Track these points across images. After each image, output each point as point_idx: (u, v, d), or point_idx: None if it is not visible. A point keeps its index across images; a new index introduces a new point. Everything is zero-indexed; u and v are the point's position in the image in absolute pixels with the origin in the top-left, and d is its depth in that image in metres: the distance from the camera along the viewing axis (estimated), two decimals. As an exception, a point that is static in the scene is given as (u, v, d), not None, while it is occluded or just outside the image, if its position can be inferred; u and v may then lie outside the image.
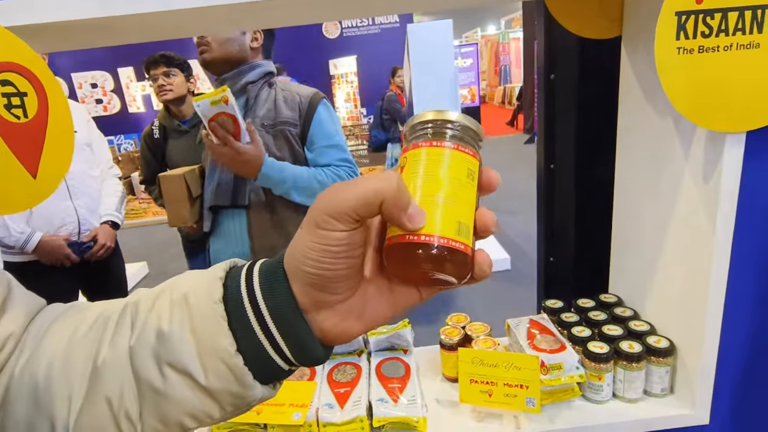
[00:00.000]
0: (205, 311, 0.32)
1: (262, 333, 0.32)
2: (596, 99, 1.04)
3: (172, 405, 0.32)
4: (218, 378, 0.32)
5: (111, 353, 0.32)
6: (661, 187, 0.79)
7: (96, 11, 0.56)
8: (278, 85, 1.39)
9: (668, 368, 0.79)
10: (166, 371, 0.32)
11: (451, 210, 0.30)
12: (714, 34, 0.58)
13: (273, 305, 0.32)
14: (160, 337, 0.32)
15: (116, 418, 0.32)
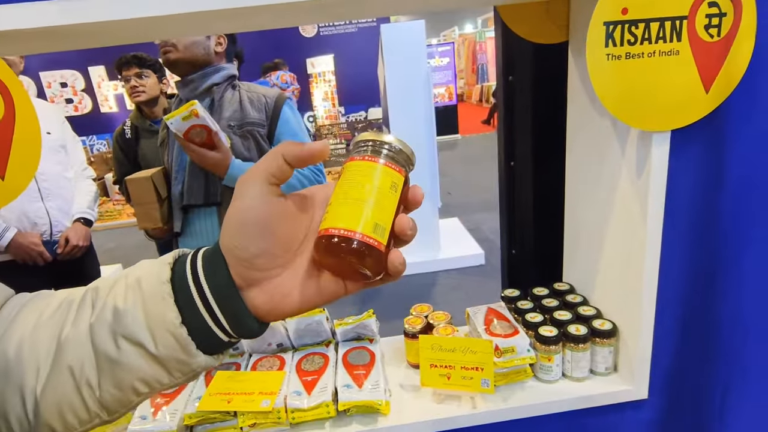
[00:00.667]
0: (154, 290, 0.36)
1: (203, 307, 0.36)
2: (551, 100, 1.10)
3: (126, 372, 0.36)
4: (166, 347, 0.36)
5: (73, 330, 0.37)
6: (602, 183, 0.85)
7: (55, 19, 0.58)
8: (241, 87, 1.44)
9: (611, 349, 0.86)
10: (121, 343, 0.36)
11: (371, 212, 0.35)
12: (639, 42, 0.64)
13: (213, 283, 0.36)
14: (116, 314, 0.36)
15: (78, 385, 0.36)
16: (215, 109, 1.39)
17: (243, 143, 1.37)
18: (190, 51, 1.35)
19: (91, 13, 0.58)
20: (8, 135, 0.64)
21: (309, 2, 0.63)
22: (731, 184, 0.75)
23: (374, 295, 3.19)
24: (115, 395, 0.37)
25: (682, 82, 0.67)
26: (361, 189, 0.36)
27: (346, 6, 0.73)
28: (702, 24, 0.64)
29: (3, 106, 0.63)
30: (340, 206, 0.36)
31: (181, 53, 1.34)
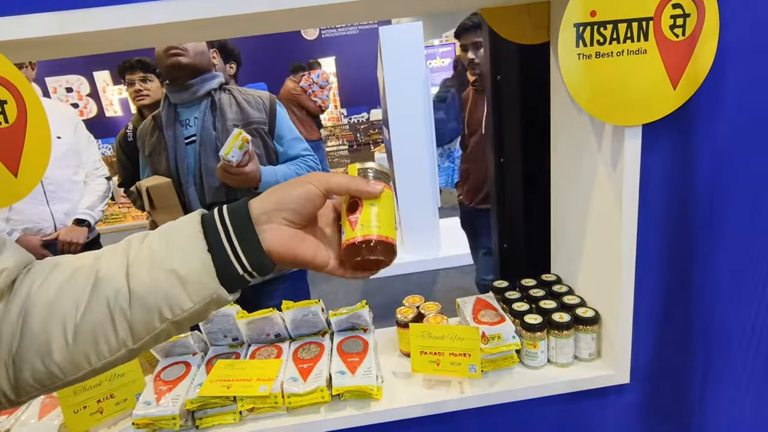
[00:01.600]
0: (187, 229, 0.47)
1: (226, 241, 0.46)
2: (537, 98, 1.14)
3: (155, 295, 0.44)
4: (193, 270, 0.45)
5: (108, 270, 0.45)
6: (583, 177, 0.89)
7: (55, 30, 0.63)
8: (232, 90, 1.52)
9: (594, 335, 0.90)
10: (156, 270, 0.45)
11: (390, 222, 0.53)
12: (608, 42, 0.68)
13: (235, 221, 0.47)
14: (154, 250, 0.46)
15: (112, 312, 0.44)
16: (217, 112, 1.45)
17: (252, 141, 1.43)
18: (198, 58, 1.43)
19: (88, 24, 0.63)
20: (21, 136, 0.69)
21: (304, 8, 0.67)
22: (702, 175, 0.78)
23: (376, 293, 3.24)
24: (143, 317, 0.44)
25: (651, 79, 0.71)
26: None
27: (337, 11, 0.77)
28: (667, 24, 0.68)
29: (16, 109, 0.67)
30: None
31: (191, 59, 1.42)
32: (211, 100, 1.46)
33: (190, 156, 1.46)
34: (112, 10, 0.65)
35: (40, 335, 0.43)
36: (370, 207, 0.51)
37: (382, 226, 0.51)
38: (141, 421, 0.83)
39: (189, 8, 0.65)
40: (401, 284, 3.33)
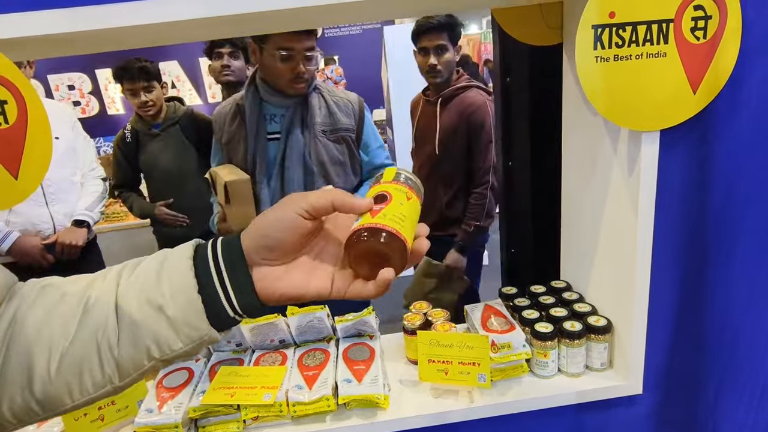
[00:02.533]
0: (179, 264, 0.44)
1: (217, 281, 0.44)
2: (547, 100, 1.12)
3: (143, 331, 0.42)
4: (182, 311, 0.43)
5: (98, 300, 0.43)
6: (596, 181, 0.87)
7: (65, 26, 0.61)
8: (323, 91, 1.43)
9: (606, 345, 0.87)
10: (144, 307, 0.42)
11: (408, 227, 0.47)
12: (626, 44, 0.66)
13: (228, 260, 0.44)
14: (144, 283, 0.44)
15: (99, 344, 0.42)
16: (307, 115, 1.38)
17: (337, 148, 1.40)
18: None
19: (96, 21, 0.61)
20: (21, 136, 0.67)
21: (308, 8, 0.65)
22: (720, 182, 0.76)
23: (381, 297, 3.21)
24: (130, 354, 0.42)
25: (670, 83, 0.69)
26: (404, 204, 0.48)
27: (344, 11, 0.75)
28: (688, 27, 0.66)
29: (16, 109, 0.66)
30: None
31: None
32: (302, 100, 1.37)
33: (271, 154, 1.37)
34: (121, 7, 0.63)
35: (23, 360, 0.41)
36: (399, 205, 0.47)
37: (398, 223, 0.45)
38: (143, 429, 0.81)
39: (201, 6, 0.63)
40: (402, 285, 3.31)
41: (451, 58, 1.80)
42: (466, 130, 1.80)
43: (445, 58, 1.78)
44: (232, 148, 1.42)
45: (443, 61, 1.78)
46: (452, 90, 1.84)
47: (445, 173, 1.88)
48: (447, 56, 1.78)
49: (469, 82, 1.86)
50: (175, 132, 2.12)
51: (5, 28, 0.63)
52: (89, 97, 6.93)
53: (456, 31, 1.79)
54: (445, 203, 1.90)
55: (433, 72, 1.80)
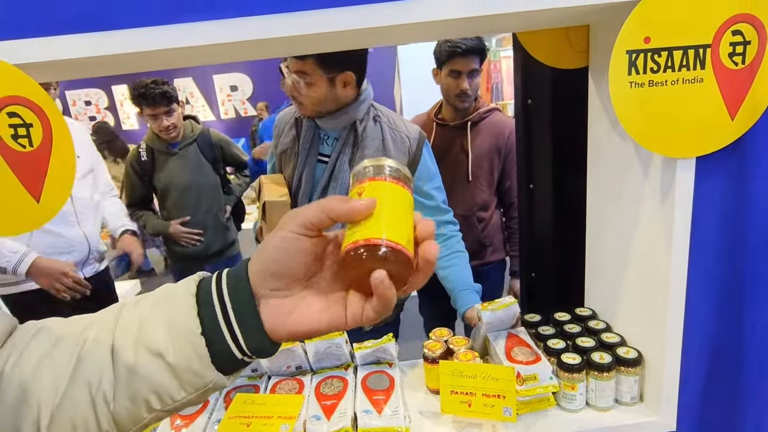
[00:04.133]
0: (180, 302, 0.39)
1: (223, 321, 0.39)
2: (571, 122, 1.10)
3: (141, 382, 0.38)
4: (183, 357, 0.38)
5: (93, 346, 0.39)
6: (625, 207, 0.84)
7: (89, 51, 0.61)
8: (382, 120, 1.33)
9: (637, 378, 0.84)
10: (141, 353, 0.38)
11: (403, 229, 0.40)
12: (662, 70, 0.65)
13: (235, 298, 0.39)
14: (141, 325, 0.39)
15: (94, 399, 0.38)
16: (358, 146, 1.28)
17: None
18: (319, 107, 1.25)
19: (120, 46, 0.61)
20: (45, 159, 0.66)
21: (326, 33, 0.64)
22: (759, 211, 0.73)
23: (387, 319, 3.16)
24: (128, 408, 0.38)
25: (707, 110, 0.66)
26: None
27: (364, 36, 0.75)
28: (726, 52, 0.64)
29: (42, 134, 0.65)
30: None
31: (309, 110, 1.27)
32: (354, 129, 1.28)
33: (317, 176, 1.30)
34: (145, 32, 0.63)
35: (10, 420, 0.37)
36: (391, 207, 0.40)
37: (395, 231, 0.38)
38: (156, 459, 0.78)
39: (221, 31, 0.63)
40: (414, 307, 3.26)
41: (479, 82, 1.77)
42: (500, 154, 1.76)
43: (476, 83, 1.73)
44: (285, 160, 1.36)
45: (474, 85, 1.73)
46: (480, 114, 1.77)
47: (479, 199, 1.80)
48: (477, 80, 1.74)
49: (491, 105, 1.83)
50: (193, 150, 2.12)
51: (34, 52, 0.63)
52: (105, 112, 7.05)
53: (484, 54, 1.75)
54: (481, 230, 1.82)
55: (463, 96, 1.72)
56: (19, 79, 0.63)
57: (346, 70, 1.22)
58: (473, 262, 1.79)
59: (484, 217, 1.82)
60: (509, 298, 0.95)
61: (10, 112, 0.64)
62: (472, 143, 1.77)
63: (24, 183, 0.65)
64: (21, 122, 0.64)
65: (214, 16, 0.63)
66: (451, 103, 1.78)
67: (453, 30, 0.87)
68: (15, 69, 0.62)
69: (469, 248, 1.90)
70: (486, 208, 1.82)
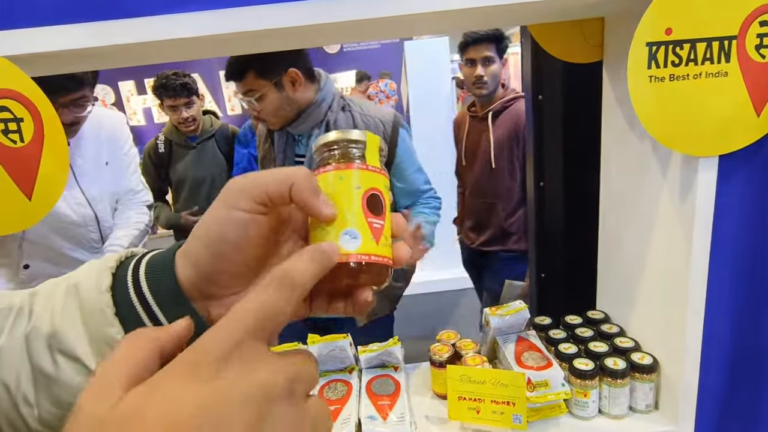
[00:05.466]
0: (92, 301, 0.33)
1: (150, 321, 0.32)
2: (583, 119, 1.07)
3: (64, 389, 0.33)
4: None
5: (8, 341, 0.34)
6: (641, 207, 0.81)
7: (85, 42, 0.59)
8: (353, 108, 1.31)
9: (652, 384, 0.80)
10: (58, 358, 0.33)
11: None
12: (684, 63, 0.61)
13: (158, 294, 0.32)
14: (52, 326, 0.33)
15: (15, 401, 0.33)
16: None
17: None
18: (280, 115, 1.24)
19: (117, 37, 0.58)
20: (37, 155, 0.64)
21: (336, 23, 0.61)
22: (785, 213, 0.70)
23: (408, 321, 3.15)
24: (56, 414, 0.34)
25: (731, 106, 0.63)
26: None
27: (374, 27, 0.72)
28: (753, 44, 0.61)
29: (33, 129, 0.63)
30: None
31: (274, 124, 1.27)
32: (326, 124, 1.27)
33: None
34: (143, 22, 0.60)
35: None
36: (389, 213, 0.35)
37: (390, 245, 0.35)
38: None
39: (227, 21, 0.60)
40: (421, 304, 3.24)
41: (497, 70, 1.80)
42: (519, 143, 1.79)
43: (491, 70, 1.78)
44: (266, 167, 1.38)
45: (489, 72, 1.78)
46: (502, 103, 1.82)
47: (503, 187, 1.86)
48: (493, 68, 1.79)
49: (516, 94, 1.86)
50: (210, 145, 2.13)
51: (24, 43, 0.60)
52: (112, 108, 7.07)
53: (503, 43, 1.80)
54: (505, 217, 1.88)
55: (479, 83, 1.79)
56: (9, 71, 0.60)
57: (287, 69, 1.21)
58: (496, 247, 1.97)
59: (508, 205, 1.87)
60: (519, 303, 0.92)
61: (0, 105, 0.61)
62: (494, 132, 1.83)
63: (15, 180, 0.63)
64: (11, 117, 0.61)
65: (216, 6, 0.60)
66: (471, 92, 1.85)
67: (464, 21, 0.84)
68: (5, 61, 0.60)
69: (492, 234, 1.96)
70: (510, 197, 1.87)
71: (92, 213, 1.40)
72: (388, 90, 5.36)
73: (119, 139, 1.52)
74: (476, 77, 1.77)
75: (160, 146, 2.08)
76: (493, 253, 1.95)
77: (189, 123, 2.03)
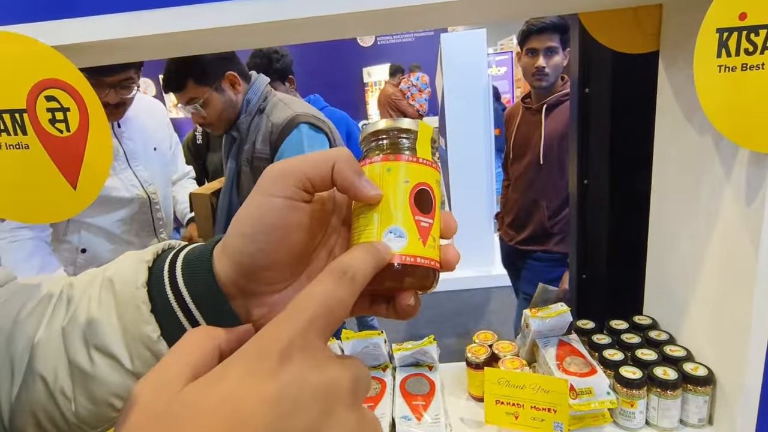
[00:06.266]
0: (128, 296, 0.32)
1: (186, 320, 0.31)
2: (632, 114, 1.01)
3: (99, 386, 0.32)
4: (144, 363, 0.32)
5: (46, 333, 0.33)
6: (699, 208, 0.76)
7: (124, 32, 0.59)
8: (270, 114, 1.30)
9: (706, 398, 0.75)
10: (94, 354, 0.32)
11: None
12: (759, 51, 0.56)
13: (194, 291, 0.31)
14: (89, 320, 0.32)
15: (53, 393, 0.32)
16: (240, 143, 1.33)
17: (252, 177, 1.30)
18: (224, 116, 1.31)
19: (154, 27, 0.57)
20: (81, 146, 0.64)
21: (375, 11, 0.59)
22: None
23: (424, 313, 3.12)
24: (91, 410, 0.33)
25: (812, 98, 0.57)
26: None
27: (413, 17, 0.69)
28: (839, 30, 0.55)
29: (78, 118, 0.63)
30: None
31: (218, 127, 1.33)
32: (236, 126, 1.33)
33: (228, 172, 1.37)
34: (180, 12, 0.59)
35: None
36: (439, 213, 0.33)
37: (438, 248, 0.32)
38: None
39: (262, 10, 0.58)
40: (452, 301, 3.20)
41: (559, 62, 1.70)
42: None
43: (554, 61, 1.69)
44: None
45: (552, 64, 1.68)
46: (558, 97, 1.74)
47: (549, 184, 1.78)
48: (556, 59, 1.69)
49: None
50: None
51: (69, 33, 0.61)
52: (153, 101, 7.31)
53: (567, 33, 1.69)
54: (548, 216, 1.80)
55: (539, 74, 1.70)
56: (57, 61, 0.61)
57: (224, 72, 1.25)
58: (535, 247, 1.85)
59: (553, 203, 1.78)
60: (561, 306, 0.88)
61: (48, 95, 0.62)
62: (546, 127, 1.75)
63: (61, 169, 0.64)
64: (58, 106, 0.62)
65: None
66: (530, 83, 1.76)
67: (515, 9, 0.80)
68: (53, 51, 0.60)
69: (533, 232, 1.84)
70: (557, 195, 1.78)
71: (145, 195, 1.42)
72: (420, 83, 5.31)
73: (165, 126, 1.57)
74: (537, 68, 1.68)
75: (198, 137, 2.12)
76: (531, 253, 1.88)
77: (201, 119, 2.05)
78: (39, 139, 0.63)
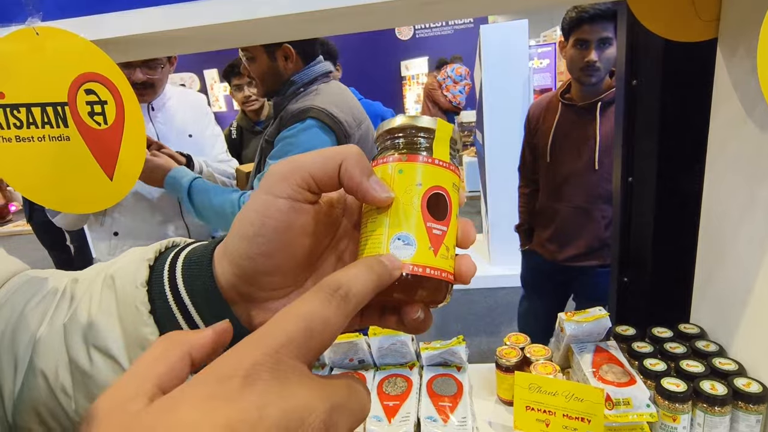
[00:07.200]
0: (128, 296, 0.31)
1: (185, 322, 0.30)
2: (684, 108, 0.95)
3: (98, 387, 0.31)
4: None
5: (48, 330, 0.32)
6: (758, 211, 0.70)
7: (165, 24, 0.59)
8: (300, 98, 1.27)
9: (759, 417, 0.70)
10: (93, 354, 0.31)
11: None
12: (834, 38, 0.50)
13: (194, 295, 0.30)
14: (89, 319, 0.31)
15: (54, 391, 0.32)
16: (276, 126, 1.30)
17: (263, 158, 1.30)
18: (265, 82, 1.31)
19: (192, 19, 0.57)
20: (118, 139, 0.66)
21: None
22: None
23: (454, 306, 3.08)
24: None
25: None
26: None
27: (448, 3, 0.66)
28: None
29: (115, 112, 0.65)
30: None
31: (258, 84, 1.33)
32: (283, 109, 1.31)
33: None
34: (217, 4, 0.59)
35: None
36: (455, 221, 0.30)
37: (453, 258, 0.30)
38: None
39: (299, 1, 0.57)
40: (484, 299, 3.14)
41: (613, 54, 1.48)
42: None
43: (607, 54, 1.47)
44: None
45: (605, 57, 1.46)
46: (612, 94, 1.50)
47: (604, 192, 1.56)
48: (610, 52, 1.47)
49: None
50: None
51: (108, 27, 0.62)
52: (197, 94, 7.54)
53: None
54: (605, 225, 1.58)
55: (590, 70, 1.47)
56: (96, 55, 0.62)
57: (283, 43, 1.23)
58: (592, 262, 1.63)
59: (609, 212, 1.56)
60: (599, 310, 0.84)
61: (87, 89, 0.64)
62: (601, 127, 1.52)
63: (99, 160, 0.65)
64: (97, 99, 0.64)
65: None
66: (577, 78, 1.54)
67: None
68: (92, 45, 0.62)
69: (587, 245, 1.61)
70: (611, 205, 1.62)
71: None
72: (454, 75, 5.20)
73: (204, 114, 1.58)
74: (588, 62, 1.46)
75: (233, 133, 2.17)
76: (588, 270, 1.64)
77: (251, 102, 2.09)
78: (79, 132, 0.65)
